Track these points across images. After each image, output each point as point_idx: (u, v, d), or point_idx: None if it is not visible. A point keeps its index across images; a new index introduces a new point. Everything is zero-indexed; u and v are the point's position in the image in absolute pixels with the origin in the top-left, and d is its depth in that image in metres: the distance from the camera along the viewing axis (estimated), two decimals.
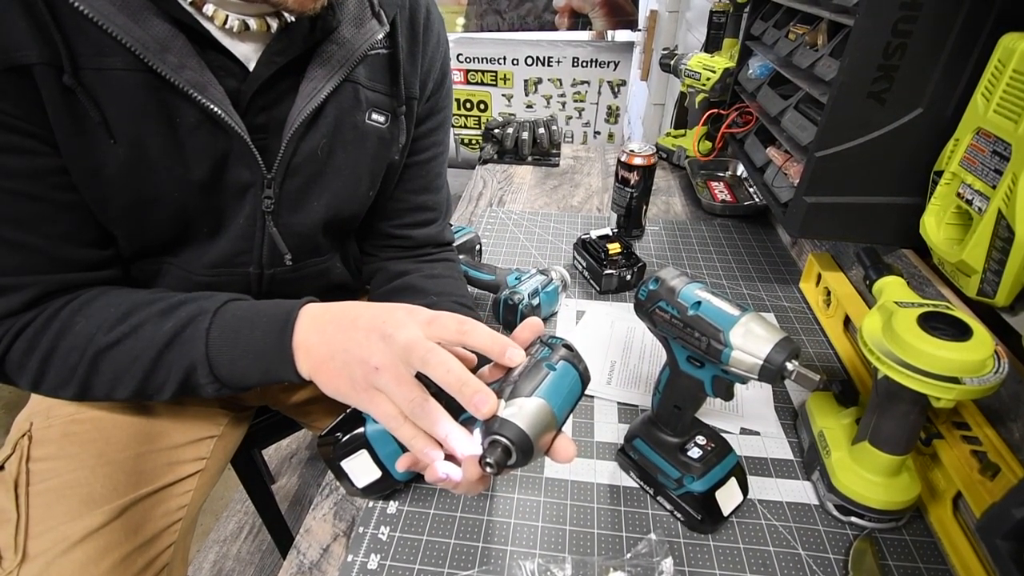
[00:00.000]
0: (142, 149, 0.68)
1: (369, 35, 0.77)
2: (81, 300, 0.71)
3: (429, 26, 0.87)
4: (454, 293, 0.94)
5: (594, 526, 0.75)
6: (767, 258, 1.33)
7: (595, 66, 3.69)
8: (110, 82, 0.64)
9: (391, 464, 0.69)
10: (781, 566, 0.70)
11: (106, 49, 0.62)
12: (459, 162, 4.00)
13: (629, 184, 1.33)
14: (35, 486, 0.77)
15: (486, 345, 0.58)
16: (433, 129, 0.95)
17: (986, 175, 0.71)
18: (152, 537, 0.81)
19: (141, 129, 0.67)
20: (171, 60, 0.64)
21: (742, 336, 0.61)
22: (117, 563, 0.76)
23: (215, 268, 0.81)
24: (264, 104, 0.74)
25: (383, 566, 0.70)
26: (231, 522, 1.85)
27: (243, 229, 0.79)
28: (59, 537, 0.73)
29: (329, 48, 0.75)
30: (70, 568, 0.72)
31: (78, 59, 0.61)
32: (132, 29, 0.62)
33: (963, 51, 0.79)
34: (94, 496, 0.78)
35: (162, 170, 0.70)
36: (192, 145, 0.70)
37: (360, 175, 0.85)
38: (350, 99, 0.79)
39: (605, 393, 0.95)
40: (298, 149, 0.77)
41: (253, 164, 0.74)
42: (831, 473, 0.74)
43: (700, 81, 1.69)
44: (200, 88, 0.66)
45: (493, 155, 1.89)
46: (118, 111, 0.65)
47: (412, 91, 0.86)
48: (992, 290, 0.70)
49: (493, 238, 1.42)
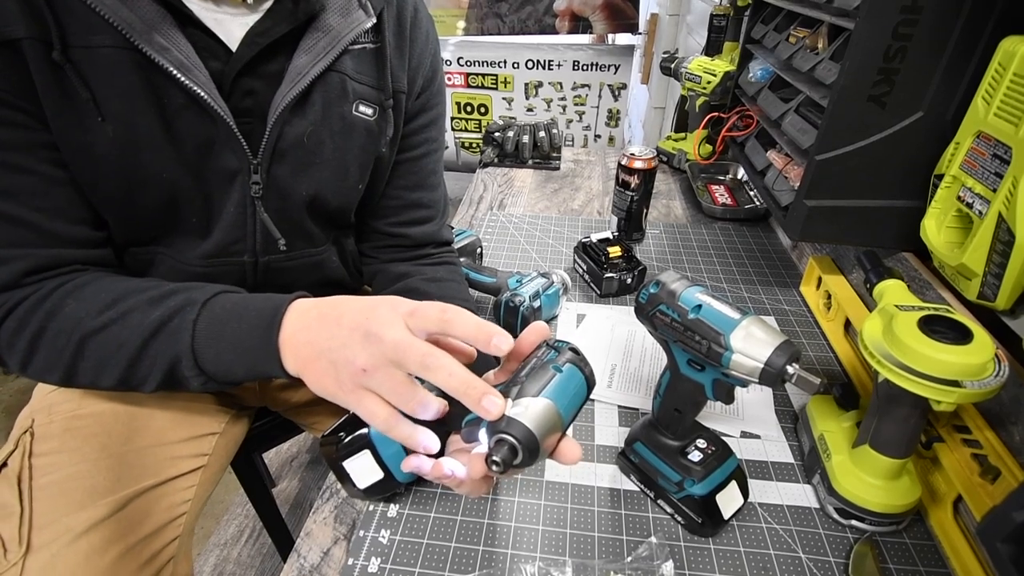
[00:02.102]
0: (131, 128, 0.69)
1: (355, 24, 0.78)
2: (74, 283, 0.71)
3: (417, 23, 0.88)
4: (456, 297, 0.94)
5: (595, 529, 0.75)
6: (768, 261, 1.33)
7: (596, 69, 3.70)
8: (99, 60, 0.65)
9: (394, 465, 0.69)
10: (782, 569, 0.70)
11: (95, 27, 0.63)
12: (460, 165, 4.00)
13: (630, 187, 1.33)
14: (38, 480, 0.78)
15: (471, 333, 0.57)
16: (424, 126, 0.96)
17: (987, 178, 0.72)
18: (156, 530, 0.82)
19: (129, 108, 0.68)
20: (157, 41, 0.65)
21: (743, 339, 0.61)
22: (122, 554, 0.76)
23: (210, 258, 0.82)
24: (248, 88, 0.75)
25: (384, 569, 0.70)
26: (231, 526, 1.85)
27: (234, 217, 0.80)
28: (63, 529, 0.74)
29: (314, 35, 0.76)
30: (75, 559, 0.73)
31: (67, 36, 0.63)
32: (119, 8, 0.63)
33: (963, 54, 0.79)
34: (97, 488, 0.78)
35: (150, 151, 0.71)
36: (179, 127, 0.71)
37: (348, 166, 0.86)
38: (337, 89, 0.80)
39: (606, 396, 0.95)
40: (283, 134, 0.77)
41: (238, 149, 0.75)
42: (832, 476, 0.74)
43: (701, 84, 1.69)
44: (185, 70, 0.67)
45: (494, 158, 1.89)
46: (107, 89, 0.66)
47: (400, 85, 0.87)
48: (993, 293, 0.70)
49: (494, 241, 1.42)
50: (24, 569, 0.71)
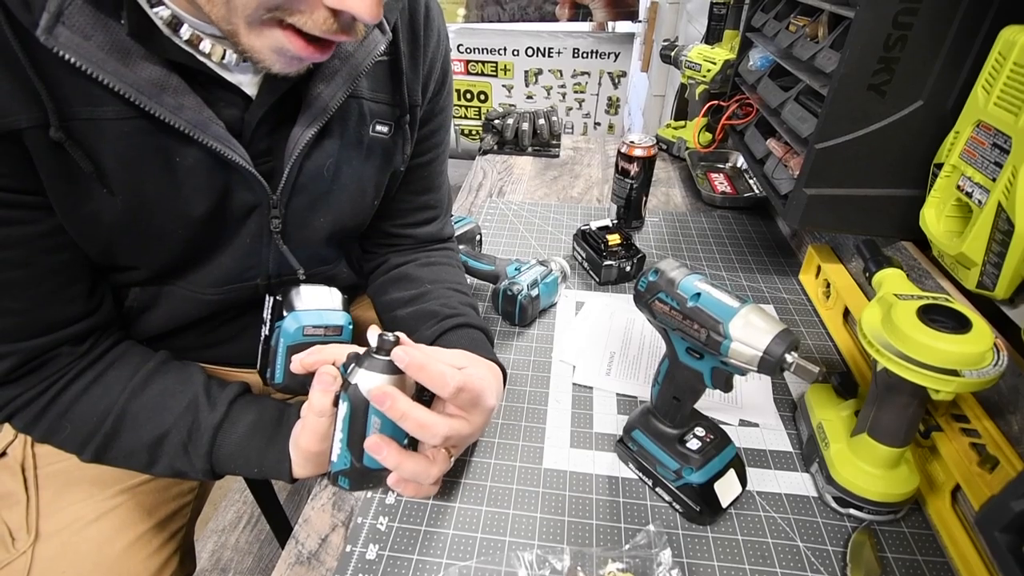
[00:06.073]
0: (140, 196, 0.66)
1: (372, 46, 0.73)
2: (65, 401, 0.70)
3: (429, 24, 0.83)
4: (449, 280, 0.94)
5: (593, 517, 0.75)
6: (767, 250, 1.33)
7: (595, 57, 3.69)
8: (103, 132, 0.61)
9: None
10: (779, 558, 0.70)
11: (96, 99, 0.59)
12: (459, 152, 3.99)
13: (629, 175, 1.33)
14: (43, 468, 0.78)
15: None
16: (435, 131, 0.93)
17: (986, 168, 0.71)
18: (165, 518, 0.82)
19: (138, 177, 0.65)
20: (168, 101, 0.60)
21: (741, 328, 0.61)
22: (132, 542, 0.76)
23: (223, 286, 0.80)
24: (267, 129, 0.71)
25: (381, 556, 0.70)
26: (230, 512, 1.85)
27: (248, 247, 0.77)
28: (72, 517, 0.74)
29: (332, 64, 0.71)
30: (85, 547, 0.73)
31: (67, 110, 0.58)
32: (124, 74, 0.58)
33: (964, 44, 0.79)
34: (104, 477, 0.78)
35: (162, 213, 0.68)
36: (192, 183, 0.68)
37: (365, 188, 0.83)
38: (355, 116, 0.77)
39: (604, 384, 0.95)
40: (303, 169, 0.74)
41: (258, 187, 0.72)
42: (830, 465, 0.74)
43: (700, 72, 1.68)
44: (202, 127, 0.63)
45: (493, 146, 1.88)
46: (112, 161, 0.62)
47: (415, 98, 0.84)
48: (992, 283, 0.70)
49: (493, 229, 1.42)
50: (34, 557, 0.72)
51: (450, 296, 0.89)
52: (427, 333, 0.82)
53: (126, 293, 0.78)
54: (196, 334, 0.85)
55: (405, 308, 0.88)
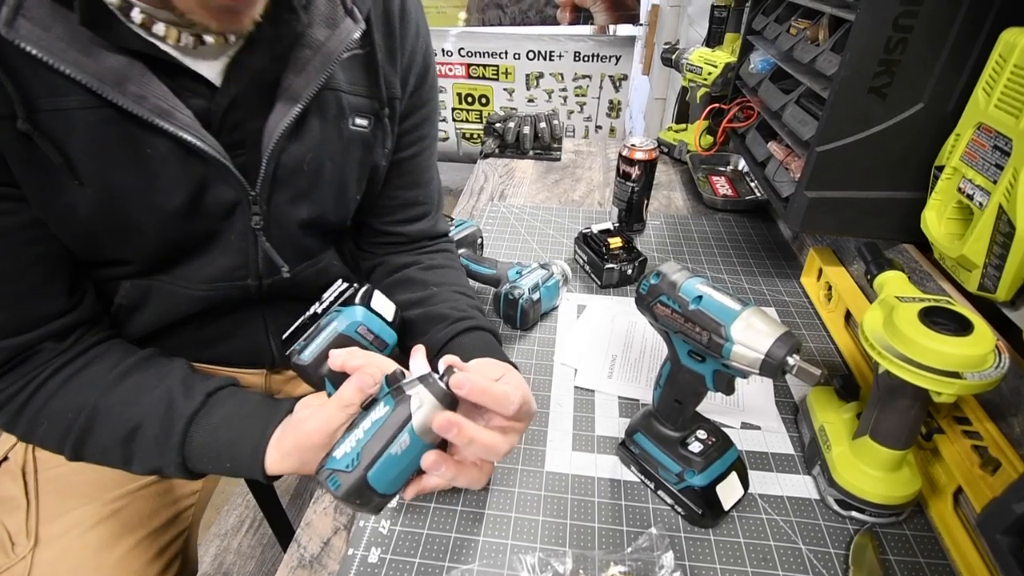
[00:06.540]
0: (111, 187, 0.65)
1: (345, 35, 0.71)
2: (42, 397, 0.69)
3: (405, 16, 0.81)
4: (453, 283, 0.93)
5: (595, 520, 0.75)
6: (768, 252, 1.33)
7: (597, 60, 3.69)
8: (70, 123, 0.60)
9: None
10: (782, 560, 0.70)
11: (60, 89, 0.59)
12: (461, 156, 3.99)
13: (630, 178, 1.33)
14: (44, 473, 0.78)
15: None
16: (418, 124, 0.91)
17: (987, 170, 0.71)
18: (165, 523, 0.82)
19: (107, 167, 0.64)
20: (131, 91, 0.60)
21: (743, 330, 0.61)
22: (132, 547, 0.76)
23: (213, 283, 0.79)
24: (238, 119, 0.70)
25: (384, 560, 0.70)
26: (232, 516, 1.85)
27: (237, 245, 0.77)
28: (72, 522, 0.74)
29: (303, 53, 0.70)
30: (85, 553, 0.73)
31: (34, 102, 0.58)
32: (86, 64, 0.57)
33: (964, 46, 0.79)
34: (104, 482, 0.78)
35: (136, 205, 0.67)
36: (166, 175, 0.67)
37: (347, 182, 0.83)
38: (333, 108, 0.77)
39: (606, 387, 0.95)
40: (280, 163, 0.73)
41: (234, 182, 0.71)
42: (832, 468, 0.74)
43: (702, 76, 1.68)
44: (166, 115, 0.62)
45: (494, 149, 1.89)
46: (80, 152, 0.62)
47: (393, 91, 0.83)
48: (993, 285, 0.70)
49: (494, 232, 1.42)
50: (33, 563, 0.72)
51: (457, 299, 0.88)
52: (438, 336, 0.82)
53: (116, 288, 0.77)
54: (188, 332, 0.84)
55: (413, 310, 0.87)
